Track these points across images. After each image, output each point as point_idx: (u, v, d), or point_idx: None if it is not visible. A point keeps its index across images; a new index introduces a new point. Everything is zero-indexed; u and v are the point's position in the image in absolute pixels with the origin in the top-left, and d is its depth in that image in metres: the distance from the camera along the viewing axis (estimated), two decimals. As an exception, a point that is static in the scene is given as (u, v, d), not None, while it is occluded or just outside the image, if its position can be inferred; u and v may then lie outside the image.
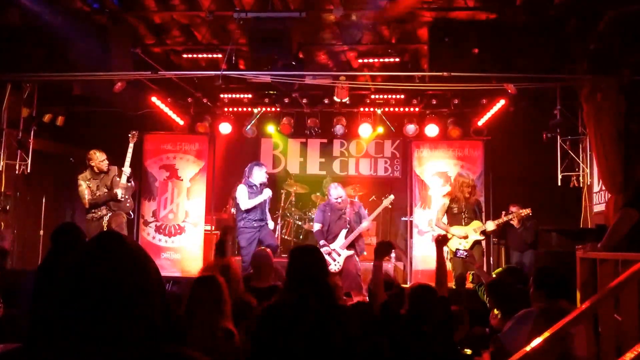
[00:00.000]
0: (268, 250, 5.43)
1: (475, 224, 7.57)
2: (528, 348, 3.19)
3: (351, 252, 7.64)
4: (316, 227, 7.85)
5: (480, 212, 7.84)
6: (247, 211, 7.80)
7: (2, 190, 8.39)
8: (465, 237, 7.49)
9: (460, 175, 7.91)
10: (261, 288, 4.26)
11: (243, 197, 7.79)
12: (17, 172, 8.64)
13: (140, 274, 1.17)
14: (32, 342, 1.13)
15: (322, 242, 7.66)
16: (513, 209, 8.08)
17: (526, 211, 7.81)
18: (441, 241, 4.61)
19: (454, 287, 7.22)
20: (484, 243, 8.18)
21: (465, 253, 6.18)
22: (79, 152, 9.29)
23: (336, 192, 7.63)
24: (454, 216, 7.65)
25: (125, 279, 1.14)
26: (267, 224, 8.02)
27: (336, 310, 2.96)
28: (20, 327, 4.01)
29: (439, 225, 7.77)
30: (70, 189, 9.57)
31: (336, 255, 7.61)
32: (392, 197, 8.19)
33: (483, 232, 7.59)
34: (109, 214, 7.61)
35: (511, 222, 8.42)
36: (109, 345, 1.09)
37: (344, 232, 7.63)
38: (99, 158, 7.64)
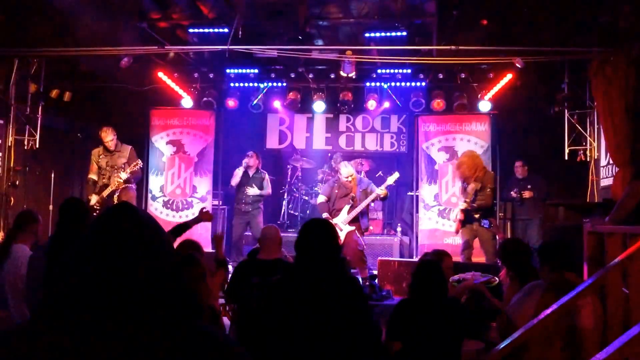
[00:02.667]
0: (275, 226, 5.43)
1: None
2: (535, 320, 3.23)
3: (352, 227, 7.68)
4: (321, 199, 7.97)
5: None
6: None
7: (12, 165, 8.45)
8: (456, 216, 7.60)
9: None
10: (264, 260, 4.36)
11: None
12: (25, 147, 8.68)
13: (153, 245, 1.17)
14: (42, 316, 1.12)
15: (325, 214, 7.76)
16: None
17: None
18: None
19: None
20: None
21: (489, 223, 6.21)
22: (86, 128, 9.32)
23: (346, 170, 7.70)
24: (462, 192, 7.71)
25: (138, 249, 1.14)
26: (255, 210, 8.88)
27: (346, 282, 2.99)
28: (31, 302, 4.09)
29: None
30: (78, 163, 9.63)
31: (337, 229, 7.65)
32: (397, 174, 8.13)
33: (464, 212, 7.52)
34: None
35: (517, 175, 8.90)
36: (122, 316, 1.08)
37: (347, 207, 7.69)
38: (105, 137, 7.87)
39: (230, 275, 4.83)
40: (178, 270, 1.21)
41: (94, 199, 7.71)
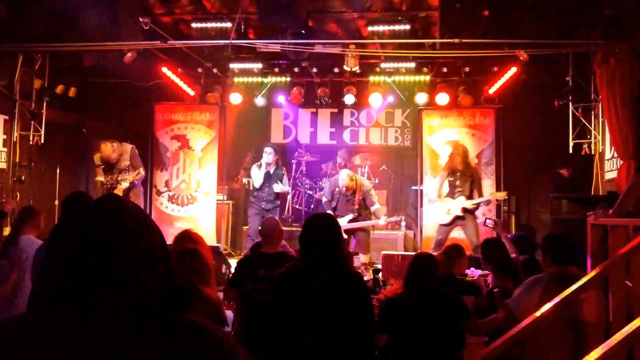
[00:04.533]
0: (276, 218, 5.47)
1: (460, 199, 7.73)
2: (538, 314, 3.23)
3: (345, 236, 7.76)
4: (324, 199, 8.31)
5: (477, 184, 7.93)
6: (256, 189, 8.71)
7: (17, 160, 8.48)
8: (448, 210, 7.74)
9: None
10: (268, 253, 4.38)
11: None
12: (31, 142, 8.72)
13: (140, 237, 1.16)
14: (32, 310, 1.12)
15: (329, 212, 7.80)
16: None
17: (502, 194, 8.17)
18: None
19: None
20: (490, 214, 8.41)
21: (492, 222, 6.25)
22: (91, 123, 9.35)
23: (343, 182, 7.83)
24: (449, 186, 7.87)
25: (125, 241, 1.13)
26: (274, 208, 8.55)
27: (347, 277, 3.00)
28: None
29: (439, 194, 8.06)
30: (83, 158, 9.67)
31: None
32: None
33: (465, 210, 7.71)
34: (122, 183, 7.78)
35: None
36: (109, 310, 1.08)
37: (350, 216, 7.88)
38: (110, 155, 7.79)
39: (234, 269, 4.85)
40: (168, 262, 1.19)
41: None
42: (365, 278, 5.86)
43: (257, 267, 4.23)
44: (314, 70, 9.67)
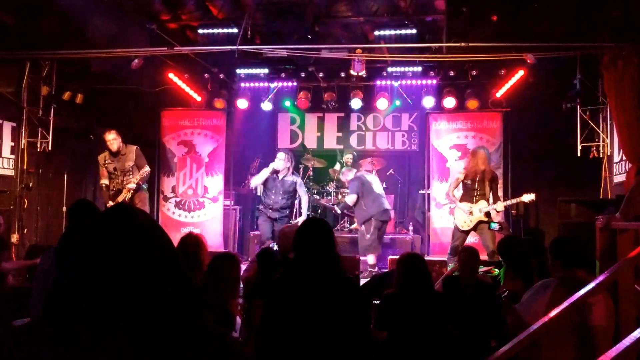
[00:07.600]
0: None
1: (482, 203, 7.53)
2: (546, 318, 3.20)
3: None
4: (353, 198, 8.27)
5: (496, 186, 7.73)
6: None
7: (25, 167, 8.51)
8: (470, 214, 7.54)
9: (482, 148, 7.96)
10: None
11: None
12: (38, 149, 8.75)
13: (151, 244, 1.17)
14: (45, 317, 1.13)
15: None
16: None
17: (530, 197, 7.61)
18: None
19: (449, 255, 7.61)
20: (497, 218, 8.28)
21: (499, 227, 6.18)
22: (98, 129, 9.38)
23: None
24: (466, 190, 7.71)
25: (136, 249, 1.14)
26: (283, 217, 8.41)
27: (342, 282, 2.99)
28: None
29: (448, 196, 7.94)
30: (91, 165, 9.70)
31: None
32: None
33: (487, 214, 7.52)
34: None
35: None
36: (122, 316, 1.09)
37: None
38: (107, 137, 7.86)
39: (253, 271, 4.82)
40: (178, 268, 1.21)
41: (110, 205, 7.71)
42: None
43: None
44: (321, 75, 9.68)
